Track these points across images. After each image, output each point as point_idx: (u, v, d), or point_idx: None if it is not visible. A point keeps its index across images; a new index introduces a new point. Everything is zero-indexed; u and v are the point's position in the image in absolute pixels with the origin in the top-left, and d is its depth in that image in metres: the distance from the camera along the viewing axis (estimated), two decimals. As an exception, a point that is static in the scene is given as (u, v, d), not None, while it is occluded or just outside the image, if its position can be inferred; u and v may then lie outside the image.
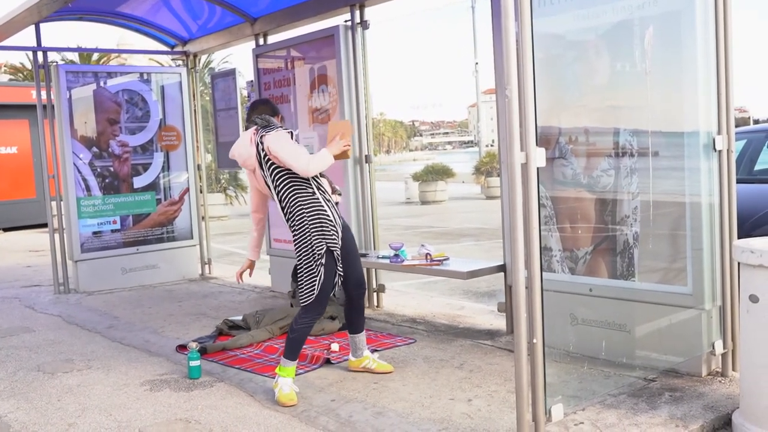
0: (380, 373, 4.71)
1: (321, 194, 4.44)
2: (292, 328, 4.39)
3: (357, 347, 4.78)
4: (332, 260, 4.39)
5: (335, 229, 4.41)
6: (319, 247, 4.34)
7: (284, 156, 4.35)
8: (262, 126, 4.50)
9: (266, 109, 4.68)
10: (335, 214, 4.46)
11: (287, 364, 4.35)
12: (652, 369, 4.37)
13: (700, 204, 4.20)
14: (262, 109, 4.67)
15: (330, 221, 4.40)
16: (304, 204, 4.38)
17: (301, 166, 4.35)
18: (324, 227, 4.36)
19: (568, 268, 4.75)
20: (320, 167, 4.45)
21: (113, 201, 8.40)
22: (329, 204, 4.46)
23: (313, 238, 4.34)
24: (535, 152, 3.20)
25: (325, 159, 4.49)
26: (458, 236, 13.32)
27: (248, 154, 4.50)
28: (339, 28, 6.52)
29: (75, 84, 8.22)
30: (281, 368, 4.34)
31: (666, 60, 4.23)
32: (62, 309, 7.33)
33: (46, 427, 4.08)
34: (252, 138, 4.49)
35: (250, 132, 4.52)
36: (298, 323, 4.38)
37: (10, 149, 16.90)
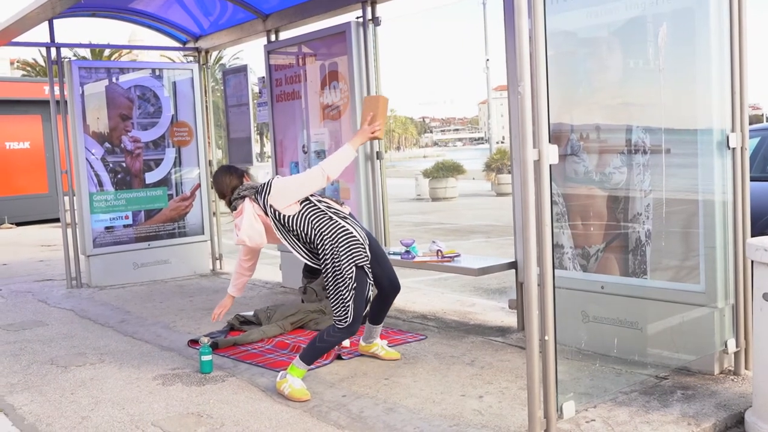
0: (387, 360, 4.87)
1: (336, 216, 4.46)
2: (322, 337, 4.37)
3: (371, 335, 4.91)
4: (364, 275, 4.41)
5: (362, 246, 4.41)
6: (350, 272, 4.33)
7: (300, 194, 4.40)
8: (253, 192, 4.49)
9: (235, 179, 4.61)
10: (358, 229, 4.47)
11: (301, 366, 4.34)
12: (664, 367, 4.36)
13: (713, 202, 4.19)
14: (233, 182, 4.59)
15: (356, 239, 4.40)
16: (327, 233, 4.37)
17: (320, 182, 4.42)
18: (352, 248, 4.37)
19: (579, 265, 4.75)
20: (339, 168, 4.48)
21: (125, 196, 8.44)
22: (347, 221, 4.47)
23: (342, 264, 4.33)
24: (548, 149, 3.20)
25: (343, 158, 4.49)
26: (469, 233, 13.31)
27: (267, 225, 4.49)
28: (351, 24, 6.52)
29: (88, 80, 8.26)
30: (294, 368, 4.32)
31: (679, 57, 4.22)
32: (75, 303, 7.38)
33: (60, 420, 4.12)
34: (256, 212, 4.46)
35: (250, 208, 4.47)
36: (331, 336, 4.36)
37: (22, 144, 17.01)
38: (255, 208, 4.47)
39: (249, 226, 4.44)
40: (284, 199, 4.40)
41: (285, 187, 4.44)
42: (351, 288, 4.32)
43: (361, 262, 4.38)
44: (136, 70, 8.77)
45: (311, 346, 4.39)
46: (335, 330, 4.35)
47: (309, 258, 4.48)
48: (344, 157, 4.50)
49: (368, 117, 4.56)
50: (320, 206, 4.46)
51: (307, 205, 4.44)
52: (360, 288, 4.36)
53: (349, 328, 4.34)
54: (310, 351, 4.39)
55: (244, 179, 4.64)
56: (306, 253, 4.47)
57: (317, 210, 4.43)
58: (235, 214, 4.56)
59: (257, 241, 4.48)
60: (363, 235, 4.46)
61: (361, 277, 4.39)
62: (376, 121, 4.55)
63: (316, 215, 4.40)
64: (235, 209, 4.55)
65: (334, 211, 4.48)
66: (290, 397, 4.22)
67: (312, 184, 4.45)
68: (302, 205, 4.43)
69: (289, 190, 4.43)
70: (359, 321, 4.40)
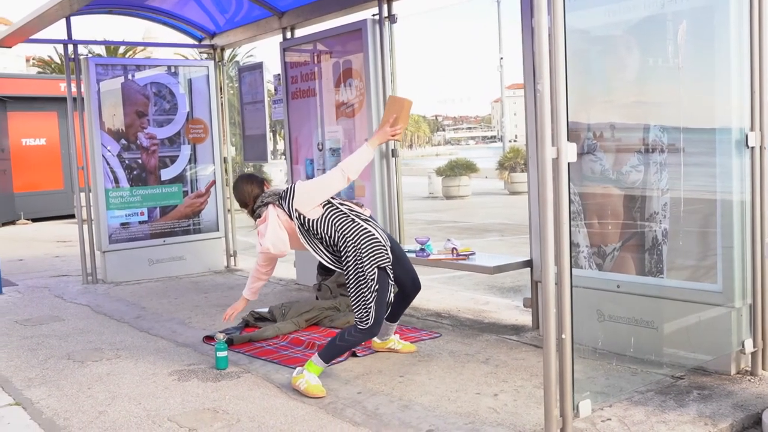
0: (405, 353, 4.94)
1: (358, 218, 4.49)
2: (343, 336, 4.39)
3: (386, 332, 4.94)
4: (386, 277, 4.44)
5: (384, 248, 4.44)
6: (372, 274, 4.36)
7: (323, 195, 4.46)
8: (277, 198, 4.53)
9: (256, 188, 4.63)
10: (380, 231, 4.51)
11: (319, 364, 4.35)
12: (680, 367, 4.35)
13: (731, 201, 4.16)
14: (255, 190, 4.62)
15: (378, 241, 4.43)
16: (349, 235, 4.41)
17: (341, 183, 4.47)
18: (374, 250, 4.40)
19: (595, 264, 4.73)
20: (359, 168, 4.52)
21: (141, 193, 8.49)
22: (369, 224, 4.50)
23: (365, 266, 4.36)
24: (567, 147, 3.19)
25: (362, 158, 4.53)
26: (482, 231, 13.30)
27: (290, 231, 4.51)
28: (367, 21, 6.52)
29: (104, 77, 8.31)
30: (312, 365, 4.33)
31: (698, 55, 4.20)
32: (90, 299, 7.43)
33: (78, 414, 4.15)
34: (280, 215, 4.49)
35: (273, 215, 4.48)
36: (352, 336, 4.39)
37: (38, 141, 17.12)
38: (279, 214, 4.50)
39: (273, 233, 4.46)
40: (309, 202, 4.44)
41: (308, 190, 4.49)
42: (373, 290, 4.35)
43: (384, 263, 4.42)
44: (153, 67, 8.81)
45: (331, 345, 4.41)
46: (357, 330, 4.38)
47: (333, 262, 4.51)
48: (363, 157, 4.54)
49: (390, 118, 4.60)
50: (342, 209, 4.50)
51: (330, 208, 4.48)
52: (382, 290, 4.39)
53: (370, 330, 4.37)
54: (329, 349, 4.40)
55: (265, 187, 4.67)
56: (329, 256, 4.51)
57: (339, 213, 4.47)
58: (258, 222, 4.58)
59: (281, 248, 4.49)
60: (384, 237, 4.50)
61: (383, 279, 4.41)
62: (398, 123, 4.58)
63: (339, 218, 4.45)
64: (258, 217, 4.57)
65: (356, 214, 4.52)
66: (306, 393, 4.23)
67: (334, 185, 4.50)
68: (325, 208, 4.47)
69: (312, 192, 4.48)
70: (381, 323, 4.43)
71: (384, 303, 4.42)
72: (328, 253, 4.50)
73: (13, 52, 46.99)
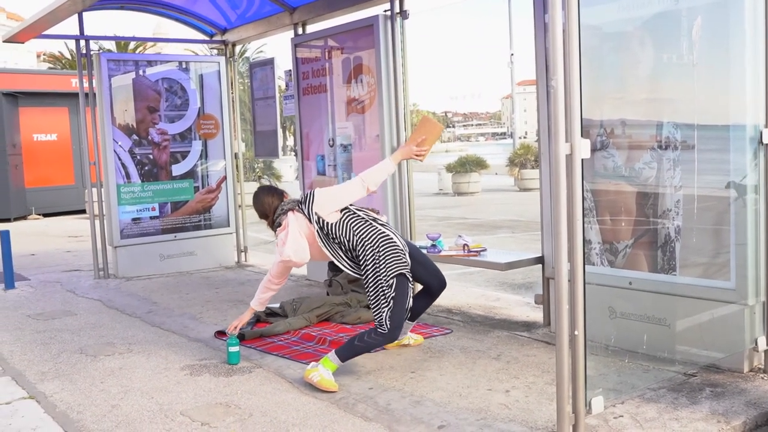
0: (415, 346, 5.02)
1: (375, 221, 4.54)
2: (362, 337, 4.40)
3: (404, 330, 4.90)
4: (406, 282, 4.45)
5: (403, 253, 4.46)
6: (391, 279, 4.38)
7: (342, 202, 4.52)
8: (296, 205, 4.57)
9: (276, 199, 4.68)
10: (398, 236, 4.54)
11: (335, 361, 4.33)
12: (692, 364, 4.33)
13: (745, 198, 4.14)
14: (274, 202, 4.66)
15: (396, 246, 4.46)
16: (368, 240, 4.45)
17: (360, 192, 4.54)
18: (393, 255, 4.42)
19: (607, 261, 4.72)
20: (379, 180, 4.61)
21: (152, 188, 8.52)
22: (387, 228, 4.53)
23: (383, 271, 4.38)
24: (580, 143, 3.19)
25: (383, 171, 4.63)
26: (493, 228, 13.28)
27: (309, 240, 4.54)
28: (378, 17, 6.52)
29: (116, 72, 8.33)
30: (327, 361, 4.32)
31: (712, 51, 4.17)
32: (102, 293, 7.46)
33: (91, 408, 4.17)
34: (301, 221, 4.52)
35: (294, 223, 4.51)
36: (372, 338, 4.39)
37: (50, 136, 17.20)
38: (299, 221, 4.53)
39: (294, 241, 4.48)
40: (327, 206, 4.50)
41: (328, 196, 4.55)
42: (390, 297, 4.37)
43: (402, 269, 4.43)
44: (164, 62, 8.83)
45: (350, 344, 4.41)
46: (377, 334, 4.39)
47: (352, 268, 4.54)
48: (384, 170, 4.65)
49: (419, 138, 4.66)
50: (359, 214, 4.55)
51: (348, 213, 4.54)
52: (400, 296, 4.40)
53: (390, 334, 4.38)
54: (348, 348, 4.40)
55: (284, 197, 4.71)
56: (348, 262, 4.54)
57: (357, 218, 4.53)
58: (278, 231, 4.61)
59: (302, 256, 4.52)
60: (402, 243, 4.52)
61: (402, 284, 4.43)
62: (424, 145, 4.65)
63: (357, 222, 4.50)
64: (278, 226, 4.60)
65: (374, 218, 4.56)
66: (318, 385, 4.23)
67: (353, 192, 4.57)
68: (342, 213, 4.53)
69: (331, 197, 4.55)
70: (400, 328, 4.44)
71: (403, 308, 4.43)
72: (347, 259, 4.54)
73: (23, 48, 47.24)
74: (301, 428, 3.74)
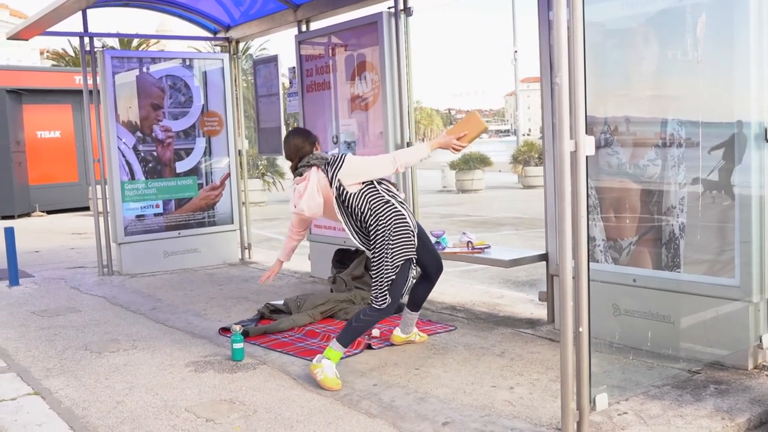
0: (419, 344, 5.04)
1: (393, 199, 4.54)
2: (358, 317, 4.45)
3: (408, 324, 4.99)
4: (409, 265, 4.50)
5: (413, 235, 4.50)
6: (398, 261, 4.42)
7: (368, 175, 4.50)
8: (324, 163, 4.54)
9: (308, 146, 4.64)
10: (411, 216, 4.56)
11: (338, 348, 4.37)
12: (696, 361, 4.33)
13: (749, 195, 4.13)
14: (305, 148, 4.63)
15: (408, 227, 4.48)
16: (382, 216, 4.46)
17: (389, 169, 4.53)
18: (404, 238, 4.45)
19: (611, 258, 4.72)
20: (410, 161, 4.61)
21: (156, 185, 8.53)
22: (404, 207, 4.55)
23: (392, 250, 4.42)
24: (585, 140, 3.18)
25: (416, 154, 4.61)
26: (496, 225, 13.28)
27: (326, 198, 4.54)
28: (382, 14, 6.52)
29: (120, 69, 8.34)
30: (330, 351, 4.35)
31: (717, 48, 4.16)
32: (106, 290, 7.48)
33: (96, 404, 4.18)
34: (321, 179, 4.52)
35: (314, 177, 4.51)
36: (368, 315, 4.45)
37: (53, 133, 17.22)
38: (321, 179, 4.53)
39: (310, 197, 4.51)
40: (352, 177, 4.49)
41: (357, 166, 4.53)
42: (391, 276, 4.41)
43: (410, 254, 4.48)
44: (168, 59, 8.84)
45: (348, 327, 4.45)
46: (372, 310, 4.45)
47: (361, 240, 4.57)
48: (417, 153, 4.62)
49: (460, 133, 4.63)
50: (379, 189, 4.54)
51: (368, 186, 4.53)
52: (402, 277, 4.47)
53: (386, 310, 4.43)
54: (347, 332, 4.43)
55: (315, 148, 4.68)
56: (358, 233, 4.56)
57: (376, 192, 4.51)
58: (297, 180, 4.61)
59: (314, 212, 4.56)
60: (414, 224, 4.55)
61: (406, 267, 4.49)
62: (464, 141, 4.62)
63: (375, 197, 4.49)
64: (299, 175, 4.60)
65: (392, 195, 4.56)
66: (322, 384, 4.24)
67: (382, 168, 4.55)
68: (363, 185, 4.51)
69: (359, 169, 4.52)
70: (395, 305, 4.48)
71: (402, 288, 4.50)
72: (357, 229, 4.56)
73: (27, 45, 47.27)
74: (306, 425, 3.75)
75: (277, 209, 16.83)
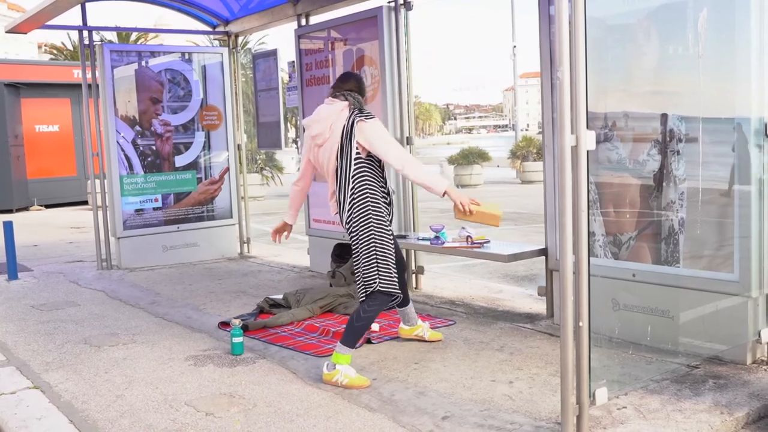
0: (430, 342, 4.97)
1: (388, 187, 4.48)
2: (359, 315, 4.31)
3: (408, 317, 4.96)
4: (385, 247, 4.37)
5: (389, 220, 4.43)
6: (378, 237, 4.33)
7: (379, 149, 4.31)
8: (357, 107, 4.39)
9: (356, 87, 4.51)
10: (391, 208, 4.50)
11: (345, 351, 4.25)
12: (695, 356, 4.34)
13: (749, 191, 4.14)
14: (353, 85, 4.51)
15: (388, 214, 4.42)
16: (373, 194, 4.36)
17: (396, 161, 4.30)
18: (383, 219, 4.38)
19: (611, 253, 4.72)
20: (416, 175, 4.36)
21: (155, 179, 8.52)
22: (390, 198, 4.48)
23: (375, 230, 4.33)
24: (586, 135, 3.18)
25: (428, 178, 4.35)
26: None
27: (333, 127, 4.36)
28: (382, 9, 6.51)
29: (119, 63, 8.33)
30: (338, 356, 4.23)
31: (718, 43, 4.16)
32: (105, 284, 7.48)
33: (95, 398, 4.19)
34: (343, 113, 4.36)
35: (340, 106, 4.38)
36: (366, 311, 4.31)
37: (51, 127, 17.19)
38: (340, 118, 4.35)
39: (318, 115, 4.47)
40: (367, 133, 4.31)
41: (377, 130, 4.34)
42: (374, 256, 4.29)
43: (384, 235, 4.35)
44: (167, 53, 8.82)
45: (351, 329, 4.30)
46: (370, 304, 4.30)
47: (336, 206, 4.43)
48: (429, 179, 4.37)
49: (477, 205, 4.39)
50: (377, 171, 4.40)
51: (371, 158, 4.38)
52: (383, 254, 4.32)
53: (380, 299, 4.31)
54: (349, 333, 4.31)
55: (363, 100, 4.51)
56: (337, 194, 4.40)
57: (373, 169, 4.38)
58: (328, 100, 4.48)
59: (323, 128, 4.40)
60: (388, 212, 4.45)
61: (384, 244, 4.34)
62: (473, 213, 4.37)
63: (369, 172, 4.36)
64: (334, 97, 4.46)
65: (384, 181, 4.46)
66: (350, 387, 4.14)
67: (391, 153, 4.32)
68: (367, 156, 4.36)
69: (374, 136, 4.32)
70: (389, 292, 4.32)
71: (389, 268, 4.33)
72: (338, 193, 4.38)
73: (25, 39, 47.16)
74: (306, 418, 3.76)
75: (276, 203, 16.82)
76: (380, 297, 4.33)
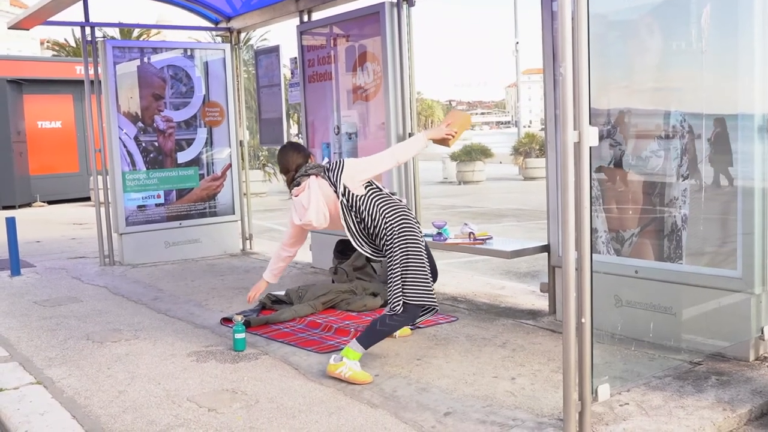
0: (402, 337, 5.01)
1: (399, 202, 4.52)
2: (384, 321, 4.32)
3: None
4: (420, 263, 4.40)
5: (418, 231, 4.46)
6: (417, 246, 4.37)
7: (371, 172, 4.49)
8: (321, 173, 4.50)
9: (301, 158, 4.61)
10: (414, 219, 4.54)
11: (358, 350, 4.25)
12: (698, 352, 4.34)
13: (752, 187, 4.13)
14: (299, 159, 4.59)
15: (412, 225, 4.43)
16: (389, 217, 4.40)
17: (390, 163, 4.57)
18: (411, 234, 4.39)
19: (613, 249, 4.72)
20: (409, 153, 4.65)
21: (157, 175, 8.52)
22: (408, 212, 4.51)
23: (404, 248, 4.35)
24: (588, 131, 3.18)
25: (414, 145, 4.62)
26: (497, 216, 13.27)
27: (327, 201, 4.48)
28: (385, 5, 6.50)
29: (121, 59, 8.32)
30: (350, 351, 4.23)
31: (721, 39, 4.15)
32: (108, 280, 7.48)
33: (98, 393, 4.19)
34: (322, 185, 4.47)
35: (316, 188, 4.46)
36: (394, 320, 4.31)
37: (54, 124, 17.21)
38: (322, 187, 4.47)
39: (317, 206, 4.46)
40: (358, 177, 4.45)
41: (358, 165, 4.51)
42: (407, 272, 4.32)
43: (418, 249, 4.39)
44: (169, 49, 8.82)
45: (373, 332, 4.32)
46: (400, 314, 4.31)
47: (365, 244, 4.52)
48: (415, 144, 4.64)
49: (448, 122, 4.66)
50: (384, 191, 4.53)
51: (373, 189, 4.50)
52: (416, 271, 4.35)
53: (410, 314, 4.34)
54: (369, 334, 4.32)
55: (310, 159, 4.66)
56: (362, 237, 4.51)
57: (382, 194, 4.49)
58: (296, 191, 4.56)
59: (322, 222, 4.50)
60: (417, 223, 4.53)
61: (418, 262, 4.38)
62: (453, 127, 4.63)
63: (381, 198, 4.46)
64: (297, 185, 4.55)
65: (397, 199, 4.54)
66: (352, 380, 4.15)
67: (383, 163, 4.59)
68: (367, 189, 4.47)
69: (361, 167, 4.50)
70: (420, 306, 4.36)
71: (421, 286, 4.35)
72: (363, 236, 4.51)
73: (27, 35, 47.10)
74: (308, 414, 3.76)
75: (278, 200, 16.83)
76: (412, 310, 4.35)
